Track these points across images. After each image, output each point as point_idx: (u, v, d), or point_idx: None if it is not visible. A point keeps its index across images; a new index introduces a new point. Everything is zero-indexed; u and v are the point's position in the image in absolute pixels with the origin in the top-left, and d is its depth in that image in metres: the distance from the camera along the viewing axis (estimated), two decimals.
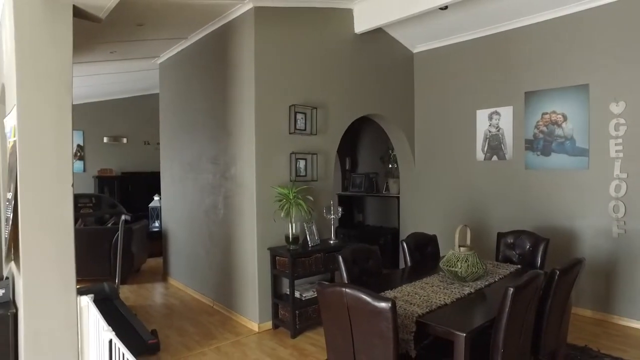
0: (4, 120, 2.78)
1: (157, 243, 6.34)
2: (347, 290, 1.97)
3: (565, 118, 4.13)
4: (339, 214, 4.08)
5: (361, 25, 4.48)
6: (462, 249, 2.72)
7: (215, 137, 4.39)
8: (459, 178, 5.02)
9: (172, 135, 5.40)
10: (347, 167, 6.76)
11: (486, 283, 2.66)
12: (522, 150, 4.45)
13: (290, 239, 3.73)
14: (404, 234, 5.32)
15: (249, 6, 3.75)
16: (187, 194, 5.00)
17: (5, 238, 2.50)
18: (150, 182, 7.80)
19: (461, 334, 1.93)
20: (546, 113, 4.26)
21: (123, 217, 4.37)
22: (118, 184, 8.14)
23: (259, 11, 3.76)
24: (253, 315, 3.85)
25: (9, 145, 2.48)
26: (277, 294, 3.85)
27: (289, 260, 3.59)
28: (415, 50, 5.38)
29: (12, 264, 2.51)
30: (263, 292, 3.81)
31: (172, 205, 5.44)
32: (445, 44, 5.08)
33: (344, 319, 2.02)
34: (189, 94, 4.96)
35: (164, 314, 4.32)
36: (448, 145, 5.11)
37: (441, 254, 3.56)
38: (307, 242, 3.85)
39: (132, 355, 1.67)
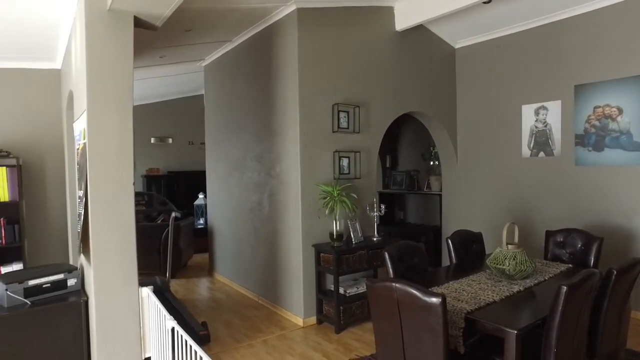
0: (74, 124, 3.02)
1: (202, 240, 6.60)
2: (398, 285, 2.01)
3: (620, 111, 3.94)
4: (382, 211, 4.10)
5: (402, 22, 4.46)
6: (509, 246, 2.68)
7: (260, 136, 4.52)
8: (503, 175, 4.90)
9: (217, 135, 5.59)
10: (388, 165, 6.74)
11: (535, 281, 2.61)
12: (571, 146, 4.28)
13: (335, 236, 3.79)
14: (446, 231, 5.26)
15: (292, 8, 3.84)
16: (233, 191, 5.18)
17: (78, 232, 2.72)
18: (194, 181, 8.13)
19: (512, 331, 1.92)
20: (599, 106, 4.08)
21: (173, 214, 4.58)
22: (164, 182, 8.52)
23: (301, 12, 3.84)
24: (298, 310, 3.95)
25: (79, 147, 2.69)
26: (321, 290, 3.93)
27: (334, 257, 3.65)
28: (457, 46, 5.29)
29: (82, 256, 2.73)
30: (308, 288, 3.90)
31: (218, 203, 5.63)
32: (489, 38, 4.96)
33: (393, 313, 2.06)
34: (233, 94, 5.13)
35: (211, 307, 4.50)
36: (492, 141, 5.00)
37: (486, 252, 3.51)
38: (351, 239, 3.90)
39: (194, 342, 1.79)
